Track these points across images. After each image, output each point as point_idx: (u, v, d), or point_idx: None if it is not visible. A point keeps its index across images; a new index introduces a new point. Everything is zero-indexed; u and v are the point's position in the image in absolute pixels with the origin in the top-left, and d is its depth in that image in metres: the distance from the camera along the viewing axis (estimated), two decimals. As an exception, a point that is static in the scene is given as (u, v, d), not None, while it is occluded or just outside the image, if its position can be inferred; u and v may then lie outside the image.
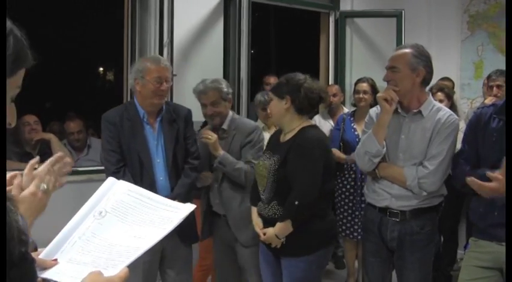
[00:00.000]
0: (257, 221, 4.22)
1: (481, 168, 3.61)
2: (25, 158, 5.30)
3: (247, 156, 4.69)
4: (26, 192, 2.01)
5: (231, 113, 4.89)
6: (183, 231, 4.10)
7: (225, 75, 6.46)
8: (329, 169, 4.09)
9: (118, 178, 4.18)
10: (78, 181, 5.44)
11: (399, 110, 4.07)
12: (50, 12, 13.64)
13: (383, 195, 4.09)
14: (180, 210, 1.97)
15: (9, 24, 1.41)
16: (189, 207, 1.99)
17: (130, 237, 1.88)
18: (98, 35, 14.95)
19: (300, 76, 4.13)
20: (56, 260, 1.84)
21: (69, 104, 13.11)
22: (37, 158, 2.16)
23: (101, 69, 19.43)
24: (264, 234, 4.08)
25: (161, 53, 5.80)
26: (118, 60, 6.85)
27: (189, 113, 4.61)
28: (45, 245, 3.86)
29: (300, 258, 4.04)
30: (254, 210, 4.28)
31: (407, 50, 4.04)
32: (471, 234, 3.97)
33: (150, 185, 4.20)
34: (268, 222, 4.10)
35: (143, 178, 4.29)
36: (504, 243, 3.48)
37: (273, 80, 7.54)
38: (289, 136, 4.12)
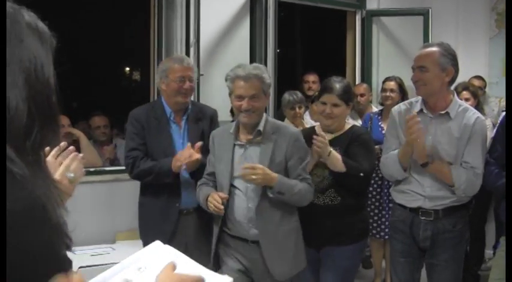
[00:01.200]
0: None
1: None
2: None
3: (299, 172, 3.94)
4: None
5: (264, 114, 4.12)
6: (209, 226, 4.20)
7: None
8: None
9: (137, 165, 4.32)
10: (106, 181, 5.47)
11: (425, 111, 4.04)
12: (77, 13, 13.72)
13: (415, 196, 4.07)
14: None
15: (31, 15, 1.42)
16: (226, 280, 1.97)
17: None
18: (124, 35, 15.02)
19: None
20: None
21: (95, 104, 13.19)
22: (64, 142, 2.16)
23: (128, 69, 19.50)
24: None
25: (187, 52, 5.81)
26: (144, 60, 6.89)
27: (214, 113, 4.67)
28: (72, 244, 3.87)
29: (347, 246, 4.13)
30: None
31: (434, 49, 3.99)
32: (501, 233, 3.95)
33: (175, 181, 4.35)
34: (321, 211, 4.12)
35: None
36: None
37: (312, 78, 7.54)
38: (339, 133, 4.22)
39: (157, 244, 2.10)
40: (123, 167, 5.82)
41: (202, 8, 5.90)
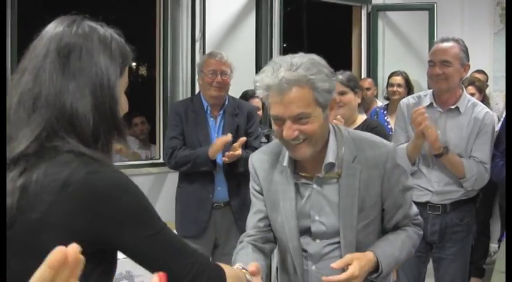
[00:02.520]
0: None
1: None
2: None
3: (405, 214, 2.70)
4: None
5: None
6: (240, 220, 4.22)
7: (257, 70, 6.45)
8: None
9: (175, 154, 4.47)
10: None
11: (434, 105, 4.04)
12: (82, 7, 13.75)
13: (423, 191, 4.08)
14: None
15: (108, 31, 1.64)
16: None
17: None
18: (130, 29, 15.05)
19: None
20: None
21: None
22: None
23: (134, 64, 19.51)
24: None
25: (193, 48, 5.83)
26: (150, 55, 6.89)
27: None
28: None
29: None
30: None
31: (455, 44, 3.98)
32: (506, 227, 3.97)
33: (209, 174, 4.51)
34: None
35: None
36: None
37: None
38: (352, 127, 4.14)
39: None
40: (129, 162, 5.90)
41: (208, 3, 5.91)
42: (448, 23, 7.67)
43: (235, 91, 5.25)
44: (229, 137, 4.33)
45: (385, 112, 6.34)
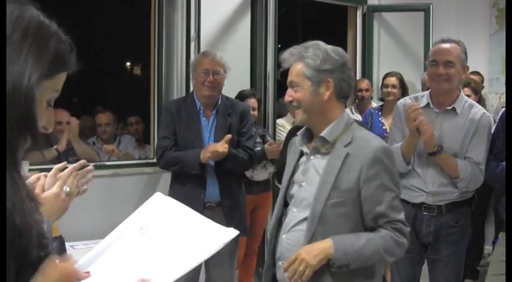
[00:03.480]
0: None
1: None
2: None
3: (381, 211, 2.81)
4: (49, 192, 2.03)
5: None
6: (232, 224, 4.18)
7: (252, 70, 6.45)
8: None
9: (165, 155, 4.46)
10: (106, 175, 5.46)
11: (431, 106, 4.04)
12: (76, 6, 13.72)
13: (418, 192, 4.08)
14: (222, 236, 1.98)
15: (54, 26, 1.44)
16: (232, 233, 1.98)
17: (166, 258, 1.87)
18: (124, 29, 15.01)
19: None
20: (88, 272, 1.83)
21: (96, 98, 13.20)
22: (64, 163, 2.20)
23: (128, 64, 19.47)
24: None
25: (188, 47, 5.81)
26: (145, 55, 6.87)
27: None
28: (72, 239, 3.90)
29: None
30: None
31: (457, 45, 3.97)
32: (500, 229, 3.97)
33: (201, 174, 4.49)
34: None
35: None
36: None
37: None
38: None
39: (157, 197, 2.11)
40: (123, 162, 5.88)
41: (203, 3, 5.89)
42: (444, 24, 7.66)
43: (230, 91, 5.24)
44: (223, 146, 4.33)
45: (380, 113, 6.33)
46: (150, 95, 6.17)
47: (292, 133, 3.67)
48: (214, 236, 1.97)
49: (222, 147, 4.34)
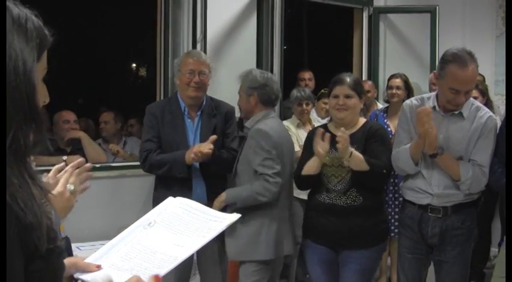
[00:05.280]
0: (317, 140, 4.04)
1: None
2: (57, 153, 5.33)
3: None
4: (54, 192, 2.03)
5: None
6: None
7: (258, 71, 6.45)
8: None
9: (150, 157, 4.42)
10: (112, 177, 5.47)
11: (437, 109, 4.02)
12: (84, 9, 13.74)
13: (424, 193, 4.08)
14: (225, 220, 2.02)
15: (21, 10, 1.40)
16: (233, 217, 2.05)
17: (173, 245, 1.93)
18: (130, 31, 15.03)
19: None
20: (99, 265, 1.87)
21: (101, 100, 13.22)
22: (62, 164, 2.21)
23: (134, 65, 19.51)
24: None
25: (194, 49, 5.81)
26: (151, 56, 6.89)
27: (231, 109, 4.73)
28: (78, 240, 3.90)
29: (371, 248, 4.12)
30: (309, 163, 4.15)
31: (474, 65, 3.89)
32: (506, 231, 3.97)
33: (187, 177, 4.42)
34: (344, 211, 4.07)
35: None
36: None
37: (308, 75, 7.54)
38: (353, 130, 4.16)
39: (169, 200, 2.17)
40: (129, 163, 5.88)
41: (209, 5, 5.90)
42: (450, 25, 7.66)
43: (235, 92, 5.23)
44: (208, 146, 4.31)
45: (385, 115, 6.32)
46: (156, 95, 6.18)
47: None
48: (219, 220, 2.06)
49: (207, 147, 4.27)
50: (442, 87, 3.97)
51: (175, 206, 2.13)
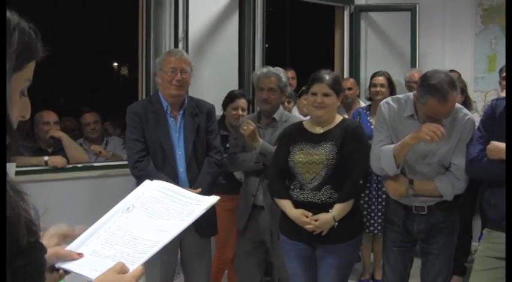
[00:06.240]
0: (301, 211, 4.09)
1: None
2: (38, 154, 5.32)
3: None
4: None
5: (281, 107, 4.98)
6: (202, 224, 4.16)
7: (240, 70, 6.46)
8: None
9: (141, 167, 4.35)
10: (94, 177, 5.46)
11: (415, 117, 4.03)
12: (65, 7, 13.68)
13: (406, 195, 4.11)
14: (204, 202, 2.01)
15: (15, 18, 1.40)
16: (213, 199, 2.05)
17: (154, 230, 1.92)
18: (112, 30, 14.98)
19: None
20: (81, 254, 1.87)
21: (83, 99, 13.16)
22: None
23: (115, 64, 19.46)
24: (315, 221, 4.04)
25: (176, 48, 5.81)
26: (132, 55, 6.87)
27: (212, 108, 4.72)
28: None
29: (348, 242, 4.14)
30: (287, 203, 4.18)
31: (455, 94, 3.85)
32: (485, 225, 4.02)
33: (171, 175, 4.38)
34: (319, 208, 4.08)
35: (165, 169, 4.42)
36: None
37: (290, 74, 7.52)
38: (329, 127, 4.19)
39: (146, 183, 2.17)
40: (111, 162, 5.86)
41: (191, 4, 5.89)
42: (430, 23, 7.72)
43: (218, 91, 5.25)
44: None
45: (368, 113, 6.34)
46: (138, 95, 6.16)
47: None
48: (198, 203, 2.03)
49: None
50: (421, 109, 3.97)
51: (153, 190, 2.12)
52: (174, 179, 4.38)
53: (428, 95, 3.80)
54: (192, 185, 4.44)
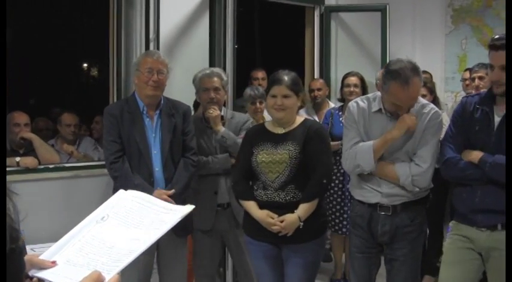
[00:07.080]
0: (266, 213, 4.11)
1: None
2: (10, 154, 5.28)
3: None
4: None
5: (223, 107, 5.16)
6: (178, 224, 4.14)
7: (211, 70, 6.45)
8: None
9: (116, 168, 4.34)
10: (65, 177, 5.42)
11: (383, 111, 4.06)
12: (34, 7, 13.56)
13: (373, 192, 4.11)
14: (179, 212, 2.03)
15: None
16: (187, 209, 2.07)
17: (128, 239, 1.93)
18: (82, 30, 14.89)
19: None
20: (54, 262, 1.87)
21: (53, 100, 13.05)
22: None
23: (85, 65, 19.32)
24: (281, 221, 4.06)
25: (147, 48, 5.80)
26: (103, 56, 6.83)
27: (188, 109, 4.78)
28: (31, 241, 3.85)
29: (313, 241, 4.17)
30: (252, 204, 4.21)
31: (418, 80, 3.89)
32: (452, 218, 4.07)
33: (147, 175, 4.45)
34: (283, 208, 4.10)
35: (141, 168, 4.46)
36: (484, 229, 3.75)
37: (261, 74, 7.54)
38: (291, 127, 4.22)
39: (120, 193, 2.17)
40: (83, 163, 5.83)
41: (162, 4, 5.88)
42: (400, 24, 7.78)
43: (188, 92, 5.24)
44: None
45: (340, 113, 6.37)
46: (109, 96, 6.14)
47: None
48: (172, 212, 2.08)
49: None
50: (386, 100, 4.02)
51: (127, 199, 2.13)
52: (150, 178, 4.45)
53: (390, 80, 3.86)
54: (168, 184, 4.46)
